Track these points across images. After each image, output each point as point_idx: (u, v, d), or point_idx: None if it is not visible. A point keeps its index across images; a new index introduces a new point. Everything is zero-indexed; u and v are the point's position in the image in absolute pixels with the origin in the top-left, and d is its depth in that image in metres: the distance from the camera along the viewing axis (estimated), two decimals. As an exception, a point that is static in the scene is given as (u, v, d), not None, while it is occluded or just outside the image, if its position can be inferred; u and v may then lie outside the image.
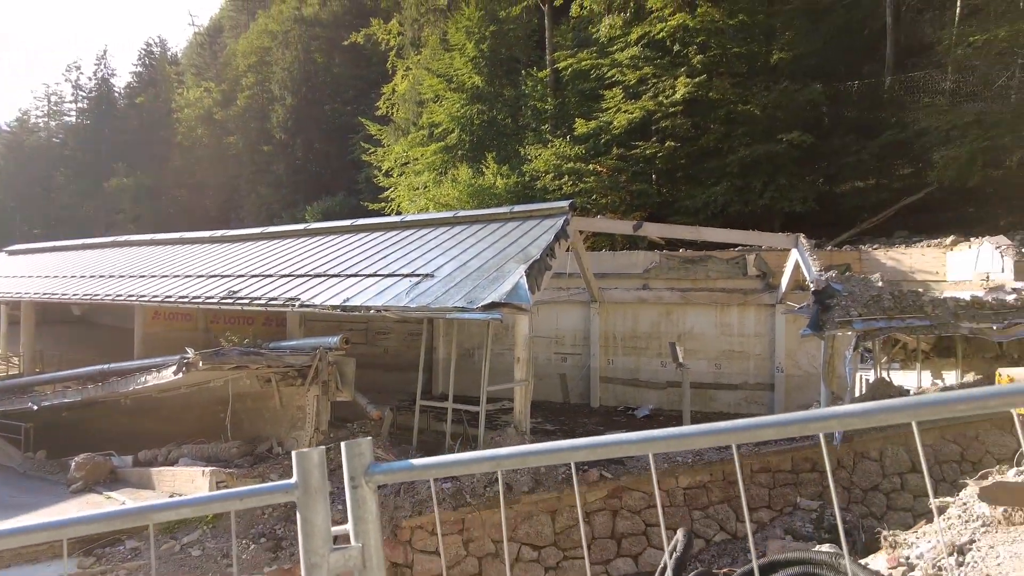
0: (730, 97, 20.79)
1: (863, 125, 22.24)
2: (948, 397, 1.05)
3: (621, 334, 17.96)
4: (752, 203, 20.50)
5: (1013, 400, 1.00)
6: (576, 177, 22.14)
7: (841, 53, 25.62)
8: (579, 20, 26.53)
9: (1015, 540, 4.39)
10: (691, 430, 1.14)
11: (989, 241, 14.65)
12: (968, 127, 18.25)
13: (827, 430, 1.11)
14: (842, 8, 26.05)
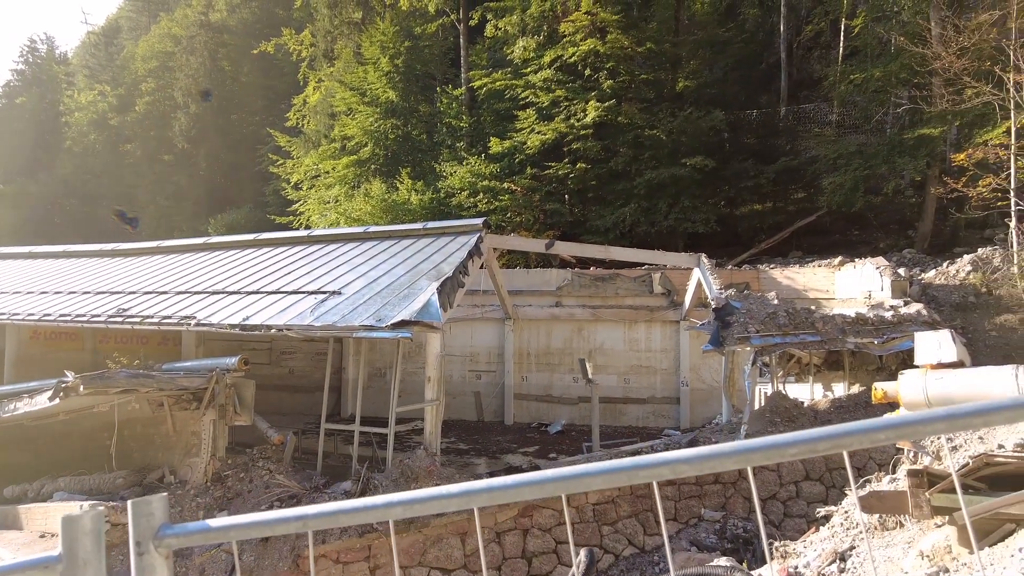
0: (638, 122, 21.56)
1: (760, 151, 23.63)
2: (778, 441, 1.03)
3: (535, 350, 18.08)
4: (658, 224, 21.27)
5: (835, 443, 0.99)
6: (491, 195, 22.24)
7: (741, 83, 27.25)
8: (494, 40, 26.84)
9: (888, 544, 4.62)
10: (516, 480, 1.05)
11: (871, 262, 15.83)
12: (851, 156, 19.73)
13: (658, 478, 1.07)
14: (741, 42, 27.74)
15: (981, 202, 16.17)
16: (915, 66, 18.14)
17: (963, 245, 18.65)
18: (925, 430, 1.00)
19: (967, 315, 14.35)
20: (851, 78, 21.06)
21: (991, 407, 0.94)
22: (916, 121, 19.35)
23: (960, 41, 16.73)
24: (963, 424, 0.95)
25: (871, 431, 1.01)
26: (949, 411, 0.97)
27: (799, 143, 23.20)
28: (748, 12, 29.96)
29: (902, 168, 19.02)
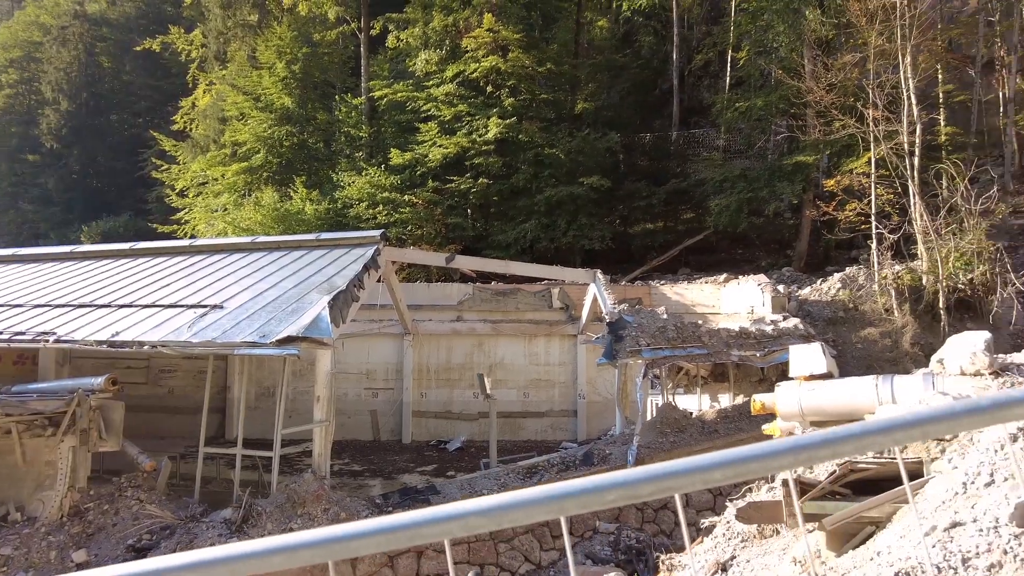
0: (538, 140, 21.92)
1: (653, 173, 24.67)
2: (598, 485, 0.93)
3: (435, 366, 17.78)
4: (557, 240, 21.65)
5: (660, 486, 0.90)
6: (391, 207, 21.81)
7: (636, 107, 28.40)
8: (396, 52, 26.53)
9: (766, 552, 4.74)
10: (355, 529, 0.88)
11: (753, 279, 16.80)
12: (736, 180, 20.97)
13: (447, 535, 0.94)
14: (637, 67, 28.97)
15: (848, 225, 17.59)
16: (792, 98, 19.56)
17: (834, 264, 20.21)
18: (772, 465, 0.93)
19: (837, 329, 15.50)
20: (736, 106, 22.44)
21: (833, 437, 0.88)
22: (793, 149, 20.86)
23: (829, 78, 18.22)
24: (807, 458, 0.88)
25: (705, 469, 0.92)
26: (793, 443, 0.90)
27: (689, 166, 24.40)
28: (644, 40, 31.37)
29: (781, 192, 20.40)
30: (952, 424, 0.87)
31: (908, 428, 0.85)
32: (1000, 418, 0.83)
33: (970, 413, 0.81)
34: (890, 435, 0.84)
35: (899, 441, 0.85)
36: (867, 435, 0.84)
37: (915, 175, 16.09)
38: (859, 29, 17.62)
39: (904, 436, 0.87)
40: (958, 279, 15.34)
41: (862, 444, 0.86)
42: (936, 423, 0.87)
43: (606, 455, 12.79)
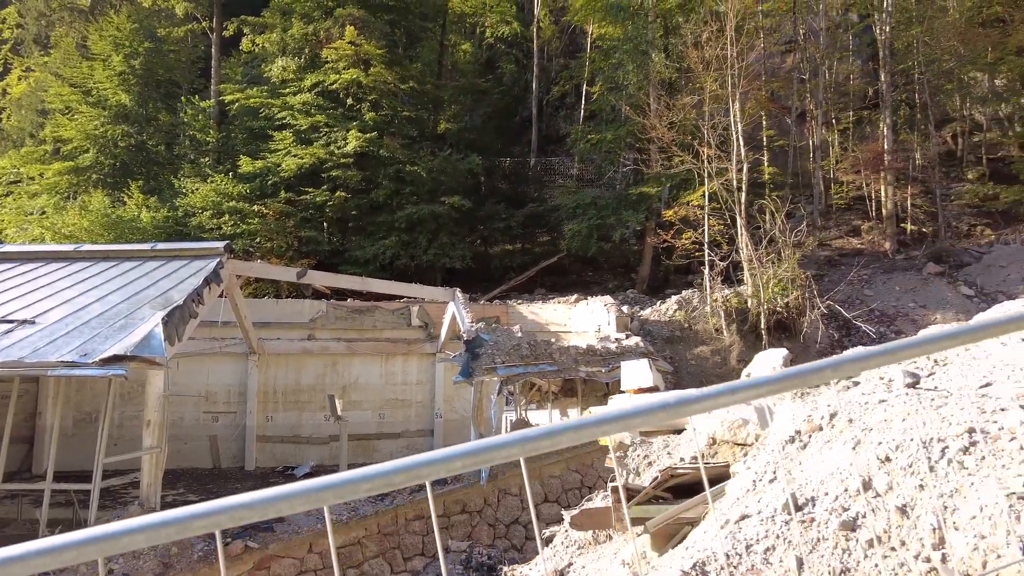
0: (400, 157, 21.82)
1: (512, 196, 25.44)
2: (354, 477, 0.99)
3: (283, 387, 16.89)
4: (418, 258, 21.58)
5: (412, 475, 0.97)
6: (239, 217, 20.59)
7: (497, 132, 29.20)
8: (251, 56, 25.30)
9: (600, 557, 5.00)
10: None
11: (600, 300, 17.76)
12: (588, 207, 22.17)
13: (216, 526, 0.96)
14: (499, 93, 29.83)
15: (684, 252, 19.20)
16: (638, 133, 21.11)
17: (673, 287, 21.89)
18: (497, 455, 1.03)
19: (674, 347, 16.78)
20: (589, 138, 23.79)
21: (555, 429, 1.00)
22: (638, 180, 22.45)
23: (670, 116, 19.90)
24: (533, 447, 1.00)
25: (448, 460, 1.01)
26: (520, 436, 1.01)
27: (545, 191, 25.45)
28: (506, 67, 32.44)
29: (627, 220, 21.83)
30: (646, 419, 1.02)
31: (612, 421, 0.99)
32: (682, 412, 0.99)
33: (650, 411, 0.97)
34: (600, 427, 0.97)
35: (606, 432, 0.98)
36: (584, 427, 0.97)
37: (742, 209, 17.95)
38: (697, 74, 19.47)
39: (611, 428, 1.00)
40: (776, 302, 17.25)
41: (578, 435, 0.99)
42: (632, 418, 1.01)
43: (462, 473, 12.85)
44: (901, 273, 21.11)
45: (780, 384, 1.00)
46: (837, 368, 1.05)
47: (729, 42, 18.74)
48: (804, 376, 1.04)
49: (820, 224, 24.99)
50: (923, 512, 2.25)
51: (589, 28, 27.98)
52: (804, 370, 0.97)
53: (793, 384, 1.06)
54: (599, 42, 26.08)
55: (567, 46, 33.46)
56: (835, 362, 1.07)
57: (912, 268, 21.46)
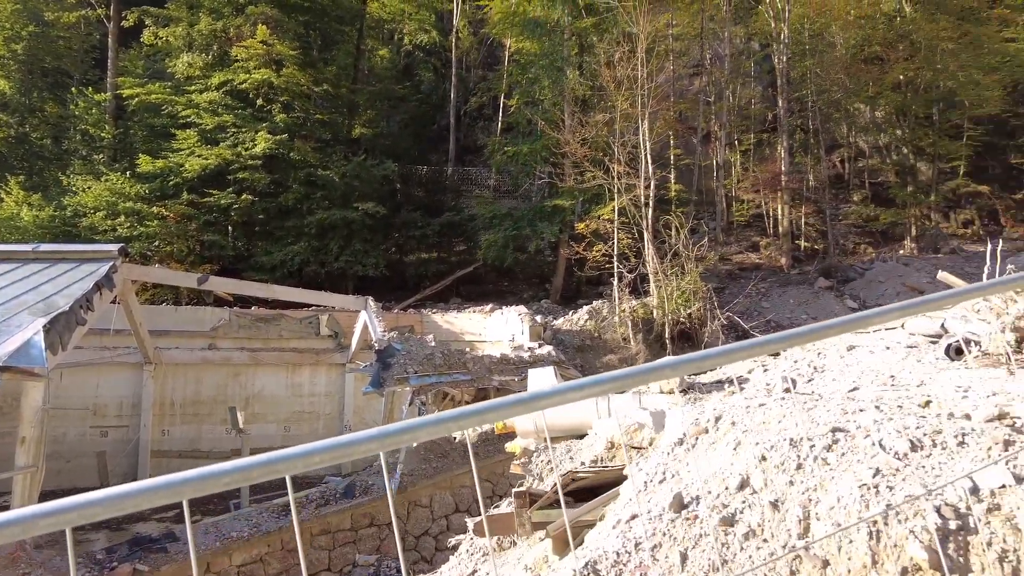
0: (311, 160, 21.25)
1: (429, 205, 25.32)
2: (213, 471, 0.99)
3: (181, 400, 15.99)
4: (328, 265, 21.04)
5: (269, 469, 0.99)
6: (136, 219, 19.39)
7: (414, 140, 29.02)
8: (153, 49, 23.98)
9: (505, 563, 5.04)
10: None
11: (514, 310, 17.94)
12: (504, 218, 22.39)
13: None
14: (416, 101, 29.68)
15: (595, 264, 19.73)
16: (552, 147, 21.56)
17: (584, 298, 22.42)
18: (356, 450, 1.06)
19: (584, 355, 17.17)
20: (506, 150, 24.06)
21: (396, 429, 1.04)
22: (553, 193, 22.90)
23: (583, 133, 20.48)
24: (392, 442, 1.03)
25: (307, 455, 1.02)
26: (380, 431, 1.05)
27: (462, 201, 25.51)
28: (424, 75, 32.34)
29: (542, 231, 22.22)
30: (501, 413, 1.08)
31: (470, 416, 1.04)
32: (533, 407, 1.05)
33: (505, 407, 1.03)
34: (457, 422, 1.02)
35: (463, 427, 1.03)
36: (441, 423, 1.01)
37: (649, 224, 18.67)
38: (609, 93, 20.15)
39: (468, 423, 1.05)
40: (680, 313, 18.01)
41: (436, 430, 1.03)
42: (487, 412, 1.07)
43: (369, 485, 12.61)
44: (795, 287, 22.58)
45: (622, 382, 1.08)
46: (675, 367, 1.15)
47: (640, 63, 19.52)
48: (643, 375, 1.12)
49: (722, 240, 26.36)
50: (792, 505, 2.44)
51: (507, 42, 28.40)
52: (644, 369, 1.05)
53: (633, 382, 1.14)
54: (517, 56, 26.50)
55: (486, 58, 33.78)
56: (671, 363, 1.17)
57: (805, 282, 22.99)
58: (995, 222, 30.15)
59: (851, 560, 2.19)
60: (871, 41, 32.07)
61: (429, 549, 12.88)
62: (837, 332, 1.25)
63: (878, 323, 1.43)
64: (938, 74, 30.90)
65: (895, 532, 2.15)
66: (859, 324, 1.40)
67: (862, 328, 1.56)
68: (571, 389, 1.10)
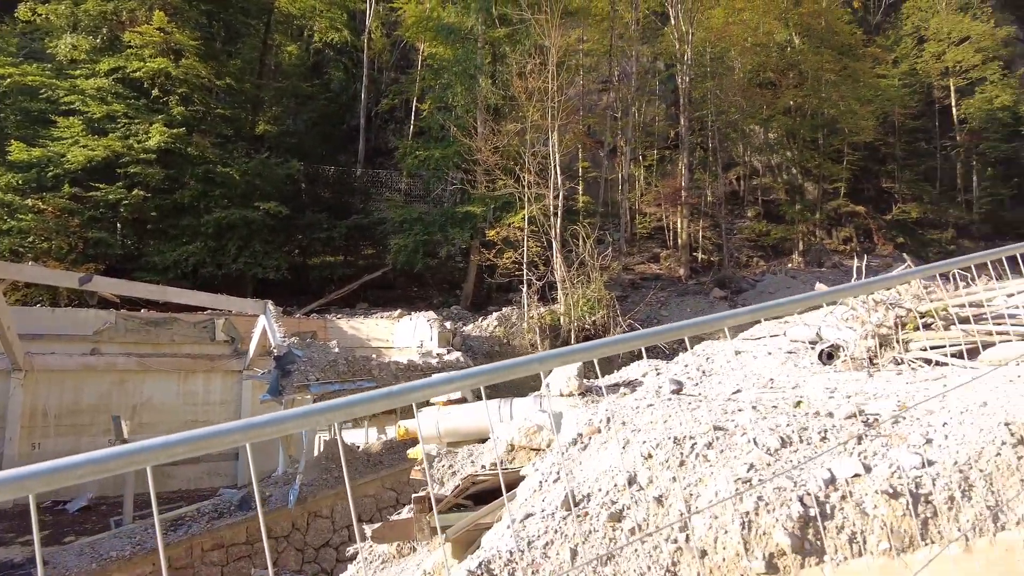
0: (210, 156, 20.22)
1: (336, 207, 24.65)
2: (70, 463, 0.97)
3: (57, 409, 14.72)
4: (226, 266, 20.05)
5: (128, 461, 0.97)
6: (7, 212, 17.72)
7: (322, 139, 28.22)
8: (31, 26, 22.06)
9: (404, 570, 4.99)
10: None
11: (424, 315, 17.80)
12: (414, 222, 22.17)
13: None
14: (325, 100, 28.91)
15: (505, 271, 19.92)
16: (464, 154, 21.61)
17: (494, 304, 22.57)
18: (220, 442, 1.05)
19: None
20: (417, 154, 23.87)
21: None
22: (465, 199, 22.94)
23: (495, 141, 20.67)
24: (257, 434, 1.03)
25: (167, 446, 1.01)
26: (245, 423, 1.04)
27: (372, 204, 25.05)
28: (334, 74, 31.55)
29: (454, 237, 22.19)
30: (368, 406, 1.10)
31: (339, 409, 1.05)
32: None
33: (373, 400, 1.05)
34: (325, 415, 1.03)
35: (331, 420, 1.04)
36: (311, 414, 1.02)
37: (557, 233, 19.08)
38: (521, 104, 20.46)
39: (336, 416, 1.06)
40: (585, 320, 18.49)
41: (305, 422, 1.03)
42: (356, 405, 1.09)
43: (266, 497, 12.10)
44: (692, 296, 23.72)
45: (490, 375, 1.12)
46: (543, 362, 1.20)
47: (551, 76, 19.96)
48: (513, 368, 1.17)
49: (625, 250, 27.30)
50: (674, 500, 2.57)
51: (421, 46, 28.24)
52: (516, 363, 1.09)
53: (501, 375, 1.18)
54: (430, 61, 26.40)
55: (399, 60, 33.43)
56: (539, 358, 1.23)
57: (701, 292, 24.20)
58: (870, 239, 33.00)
59: (726, 549, 2.34)
60: (765, 68, 34.38)
61: (330, 561, 12.50)
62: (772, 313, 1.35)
63: (782, 313, 1.54)
64: (823, 102, 33.53)
65: (764, 521, 2.31)
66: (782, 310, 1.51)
67: (786, 314, 1.68)
68: (442, 382, 1.12)
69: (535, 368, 1.25)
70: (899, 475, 2.33)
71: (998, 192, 39.49)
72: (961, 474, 2.31)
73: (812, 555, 2.24)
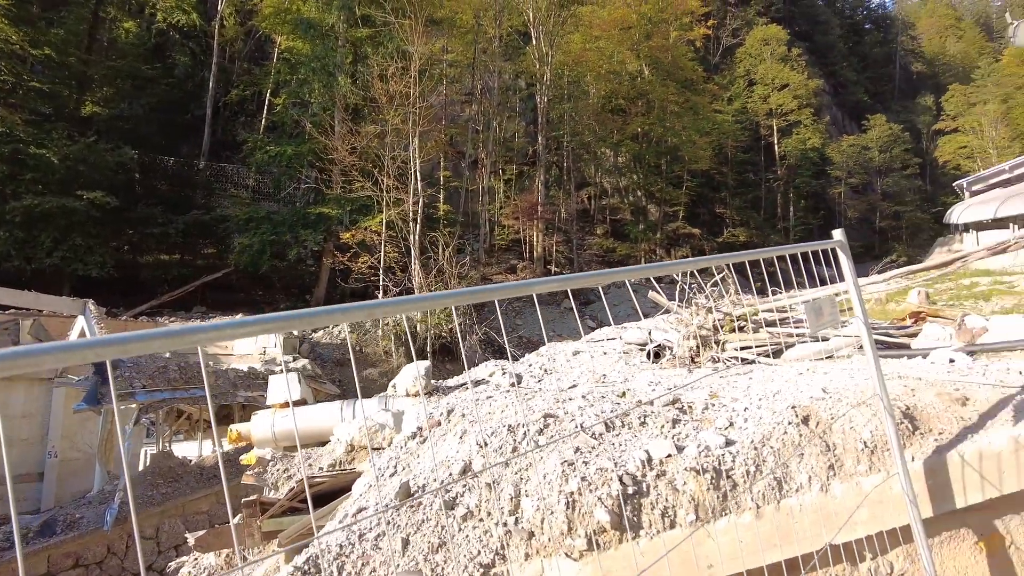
0: (21, 135, 17.82)
1: (173, 200, 22.67)
2: None
3: None
4: (38, 260, 17.71)
5: None
6: None
7: (162, 127, 25.87)
8: None
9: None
10: None
11: (268, 320, 16.85)
12: (262, 221, 20.95)
13: None
14: (167, 85, 26.60)
15: (361, 275, 19.41)
16: (320, 152, 20.84)
17: (347, 311, 21.88)
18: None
19: (344, 369, 16.71)
20: (268, 149, 22.65)
21: None
22: (319, 200, 22.08)
23: (354, 142, 20.14)
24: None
25: None
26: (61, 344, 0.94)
27: (215, 200, 23.37)
28: (179, 58, 29.13)
29: (305, 239, 21.25)
30: (144, 344, 1.03)
31: (104, 346, 0.98)
32: (186, 340, 1.02)
33: (149, 338, 0.99)
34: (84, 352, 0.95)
35: (89, 358, 0.96)
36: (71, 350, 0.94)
37: (416, 239, 18.94)
38: (382, 106, 20.13)
39: (94, 354, 0.98)
40: (442, 328, 18.48)
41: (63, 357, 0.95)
42: (130, 343, 1.02)
43: (76, 519, 10.79)
44: (545, 307, 24.56)
45: (233, 330, 1.09)
46: (352, 312, 1.19)
47: (413, 81, 19.87)
48: (314, 317, 1.15)
49: (484, 260, 27.75)
50: (506, 485, 2.63)
51: (278, 39, 26.92)
52: (250, 320, 1.07)
53: (303, 323, 1.15)
54: (287, 55, 25.23)
55: (253, 51, 31.61)
56: (355, 308, 1.22)
57: (553, 303, 25.13)
58: (702, 260, 36.03)
59: (552, 529, 2.43)
60: (617, 95, 36.67)
61: None
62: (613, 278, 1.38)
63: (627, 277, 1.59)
64: (667, 131, 36.35)
65: (587, 501, 2.43)
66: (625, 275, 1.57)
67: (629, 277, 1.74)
68: (234, 325, 1.07)
69: (337, 319, 1.22)
70: (706, 454, 2.56)
71: (809, 221, 45.12)
72: (756, 451, 2.59)
73: (630, 530, 2.39)
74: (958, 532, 2.67)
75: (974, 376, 3.41)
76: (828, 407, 2.82)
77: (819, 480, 2.55)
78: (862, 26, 77.57)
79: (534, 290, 1.63)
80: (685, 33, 38.91)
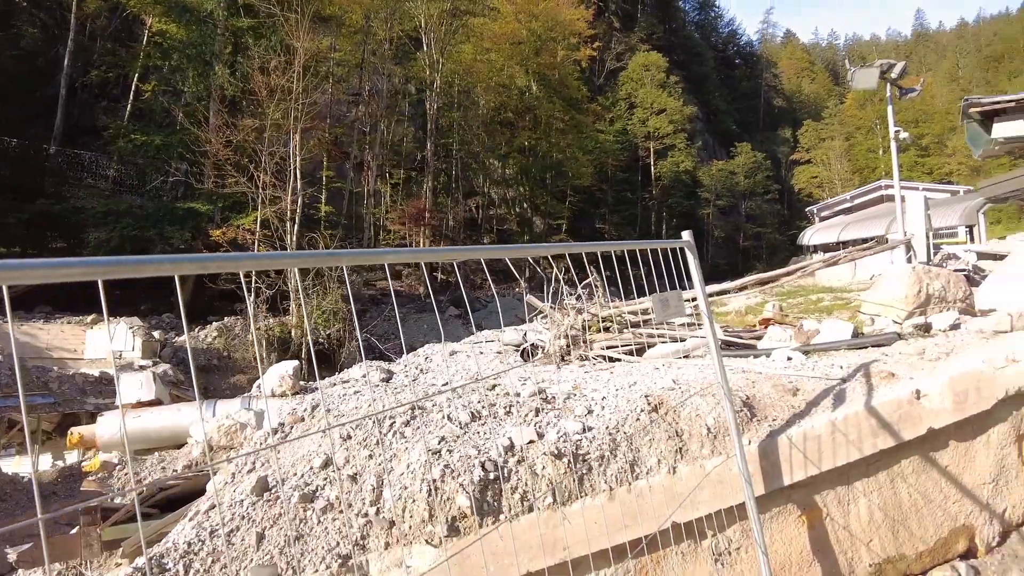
0: None
1: (19, 188, 20.31)
2: None
3: None
4: None
5: None
6: None
7: (6, 106, 23.14)
8: None
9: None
10: None
11: (125, 322, 15.53)
12: (122, 215, 19.29)
13: None
14: (13, 59, 23.87)
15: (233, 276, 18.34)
16: (192, 145, 19.54)
17: (216, 314, 20.59)
18: None
19: (210, 376, 15.72)
20: (133, 137, 20.94)
21: None
22: (189, 195, 20.68)
23: (229, 135, 19.08)
24: None
25: None
26: None
27: (68, 190, 21.23)
28: (27, 30, 26.24)
29: (171, 236, 19.78)
30: None
31: None
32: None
33: None
34: None
35: None
36: None
37: (293, 240, 18.21)
38: (261, 100, 19.22)
39: None
40: (320, 333, 17.85)
41: None
42: None
43: None
44: (429, 313, 24.43)
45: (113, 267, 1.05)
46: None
47: (297, 76, 19.17)
48: (140, 264, 1.12)
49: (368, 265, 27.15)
50: (369, 476, 2.61)
51: (148, 20, 25.00)
52: (146, 259, 1.04)
53: (124, 270, 1.12)
54: (159, 38, 23.49)
55: (119, 30, 29.09)
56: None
57: (440, 310, 25.04)
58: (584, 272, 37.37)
59: (413, 517, 2.43)
60: (506, 107, 37.33)
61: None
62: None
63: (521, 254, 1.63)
64: (552, 146, 37.47)
65: (449, 487, 2.46)
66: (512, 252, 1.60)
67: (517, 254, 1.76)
68: (55, 266, 1.00)
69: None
70: (564, 439, 2.68)
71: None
72: (611, 436, 2.74)
73: (490, 515, 2.45)
74: (785, 507, 2.97)
75: (805, 371, 3.81)
76: (677, 396, 3.04)
77: (667, 463, 2.74)
78: (733, 60, 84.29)
79: (387, 259, 1.66)
80: (572, 53, 40.36)
